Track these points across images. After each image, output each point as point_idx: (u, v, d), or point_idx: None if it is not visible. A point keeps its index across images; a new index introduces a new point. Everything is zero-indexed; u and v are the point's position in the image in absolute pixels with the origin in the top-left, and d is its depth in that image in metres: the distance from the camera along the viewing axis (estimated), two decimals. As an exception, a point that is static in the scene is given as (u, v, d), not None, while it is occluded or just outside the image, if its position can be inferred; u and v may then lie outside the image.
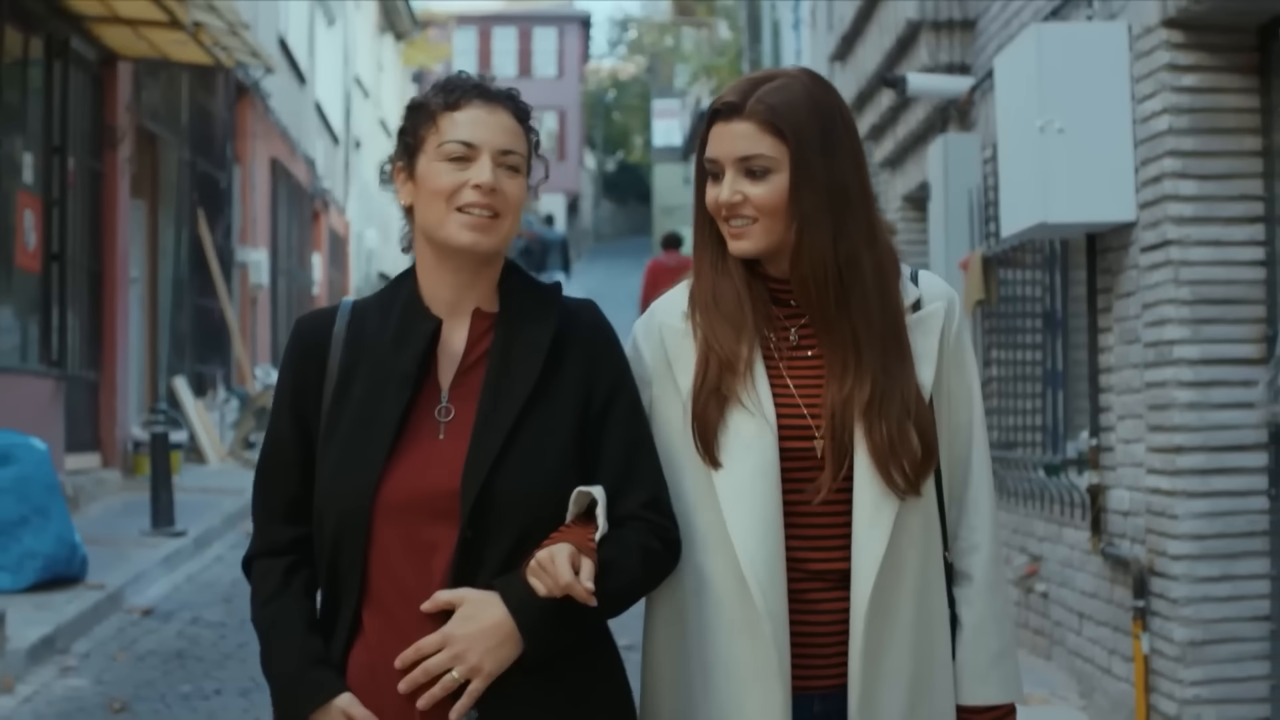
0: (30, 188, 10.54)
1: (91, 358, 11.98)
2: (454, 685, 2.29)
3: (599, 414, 2.43)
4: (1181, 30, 5.86)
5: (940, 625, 2.49)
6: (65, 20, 10.94)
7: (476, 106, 2.43)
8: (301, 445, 2.45)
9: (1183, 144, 5.87)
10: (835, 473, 2.43)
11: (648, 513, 2.40)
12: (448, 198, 2.39)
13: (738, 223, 2.47)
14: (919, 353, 2.49)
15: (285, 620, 2.41)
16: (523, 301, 2.48)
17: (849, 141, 2.48)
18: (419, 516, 2.34)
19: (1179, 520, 5.84)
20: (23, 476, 8.28)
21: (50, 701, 6.90)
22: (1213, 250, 5.83)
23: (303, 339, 2.50)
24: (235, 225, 16.54)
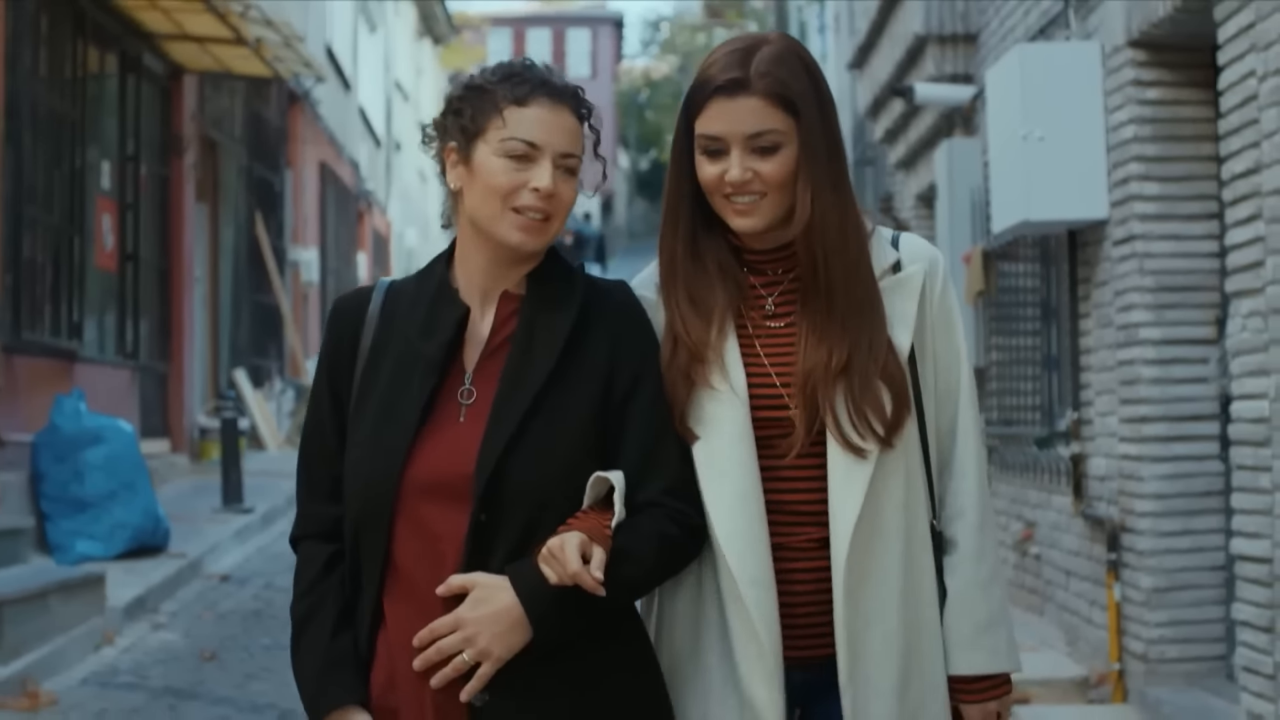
0: (107, 193, 11.41)
1: (161, 350, 12.86)
2: (465, 667, 2.30)
3: (623, 397, 2.41)
4: (1145, 50, 6.64)
5: (929, 594, 2.46)
6: (138, 37, 11.82)
7: (543, 104, 2.39)
8: (339, 425, 2.47)
9: (1146, 150, 6.66)
10: (806, 431, 2.41)
11: (667, 499, 2.38)
12: (505, 196, 2.38)
13: (745, 199, 2.42)
14: (896, 315, 2.46)
15: (318, 615, 2.43)
16: (550, 286, 2.46)
17: (832, 102, 2.46)
18: (438, 499, 2.35)
19: (1145, 482, 6.63)
20: (112, 455, 9.14)
21: (146, 652, 7.76)
22: (1173, 244, 6.61)
23: (339, 318, 2.52)
24: (288, 226, 17.43)
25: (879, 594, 2.41)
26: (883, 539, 2.41)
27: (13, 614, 7.06)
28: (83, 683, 7.13)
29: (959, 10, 9.59)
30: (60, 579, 7.72)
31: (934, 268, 2.51)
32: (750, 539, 2.38)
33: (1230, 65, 5.52)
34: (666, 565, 2.41)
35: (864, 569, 2.40)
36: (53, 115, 10.00)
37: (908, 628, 2.42)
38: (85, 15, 10.65)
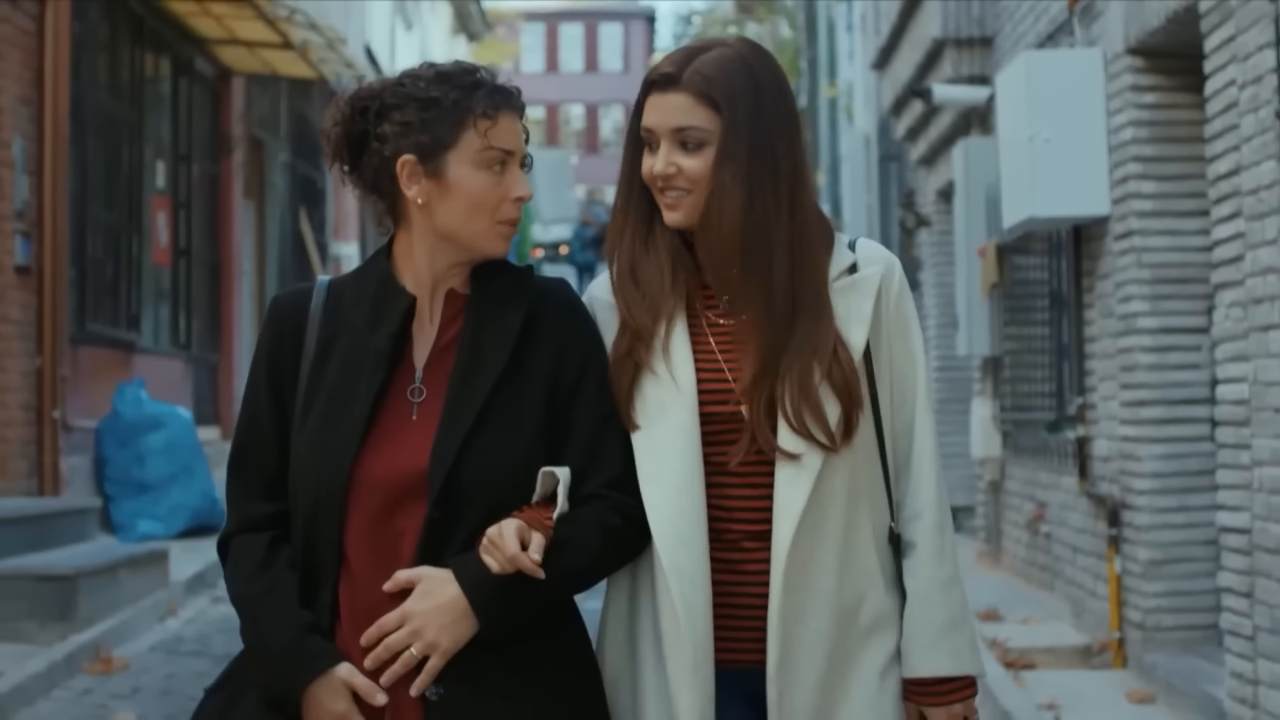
0: (162, 191, 11.95)
1: (212, 342, 13.41)
2: (413, 661, 2.32)
3: (568, 393, 2.44)
4: (1142, 57, 7.09)
5: (872, 595, 2.46)
6: (190, 42, 12.36)
7: (507, 114, 2.44)
8: (279, 424, 2.46)
9: (1144, 151, 7.11)
10: (753, 435, 2.43)
11: (611, 491, 2.41)
12: (492, 210, 2.42)
13: (672, 194, 2.46)
14: (849, 314, 2.47)
15: (276, 592, 2.39)
16: (496, 284, 2.48)
17: (781, 113, 2.47)
18: (391, 497, 2.36)
19: (1142, 461, 7.08)
20: (172, 440, 9.68)
21: (208, 622, 8.29)
22: (1168, 239, 7.06)
23: (279, 317, 2.51)
24: (329, 221, 17.98)
25: (814, 589, 2.41)
26: (823, 537, 2.41)
27: (87, 586, 7.60)
28: (151, 650, 7.66)
29: (975, 15, 10.04)
30: (128, 555, 8.27)
31: (890, 271, 2.53)
32: (684, 531, 2.39)
33: (1214, 74, 5.96)
34: (610, 555, 2.43)
35: (803, 566, 2.40)
36: (112, 118, 10.54)
37: (842, 626, 2.42)
38: (143, 22, 11.20)
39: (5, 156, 8.65)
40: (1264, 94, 5.39)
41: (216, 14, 11.59)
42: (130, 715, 6.45)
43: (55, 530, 8.34)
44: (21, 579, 7.49)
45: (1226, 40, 5.82)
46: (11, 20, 8.74)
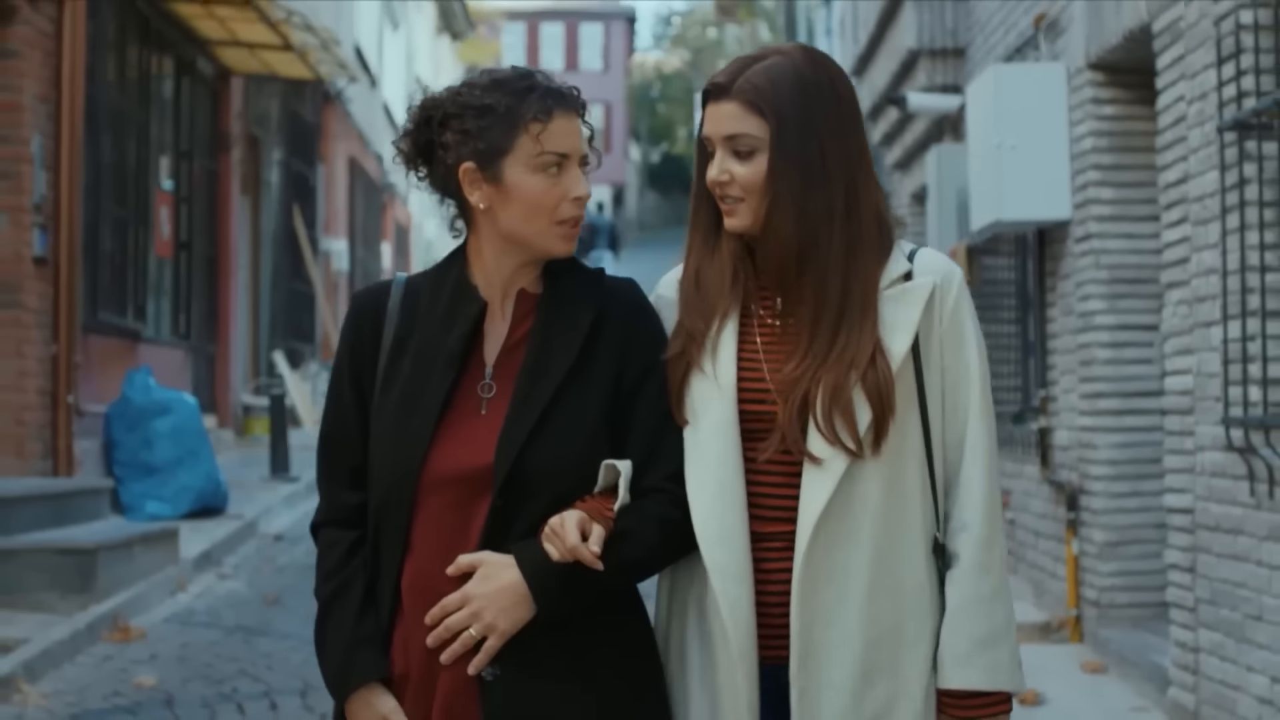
0: (165, 186, 12.39)
1: (209, 333, 13.84)
2: (472, 642, 2.39)
3: (631, 390, 2.50)
4: (1102, 72, 7.59)
5: (915, 604, 2.46)
6: (192, 43, 12.79)
7: (561, 115, 2.48)
8: (362, 415, 2.53)
9: (1102, 160, 7.61)
10: (782, 435, 2.46)
11: (671, 484, 2.46)
12: (550, 211, 2.48)
13: (728, 200, 2.51)
14: (894, 322, 2.48)
15: (344, 597, 2.50)
16: (566, 285, 2.55)
17: (838, 116, 2.49)
18: (460, 489, 2.44)
19: (1099, 450, 7.58)
20: (178, 425, 10.11)
21: (216, 597, 8.73)
22: (1125, 241, 7.56)
23: (360, 312, 2.58)
24: (320, 217, 18.41)
25: (841, 593, 2.42)
26: (854, 542, 2.42)
27: (105, 560, 8.04)
28: (165, 621, 8.11)
29: (949, 27, 10.54)
30: (142, 532, 8.71)
31: (947, 281, 2.52)
32: (724, 528, 2.43)
33: (1165, 90, 6.46)
34: (668, 547, 2.48)
35: (826, 568, 2.42)
36: (121, 116, 10.97)
37: (874, 631, 2.42)
38: (149, 24, 11.63)
39: (25, 152, 9.08)
40: (1208, 109, 5.89)
41: (220, 16, 12.03)
42: (151, 678, 6.89)
43: (70, 508, 8.77)
44: (44, 552, 7.93)
45: (1176, 59, 6.31)
46: (32, 23, 9.17)
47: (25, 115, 9.08)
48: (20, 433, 9.04)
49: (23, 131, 9.07)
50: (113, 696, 6.65)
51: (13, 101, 9.04)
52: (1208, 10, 5.88)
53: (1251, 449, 5.50)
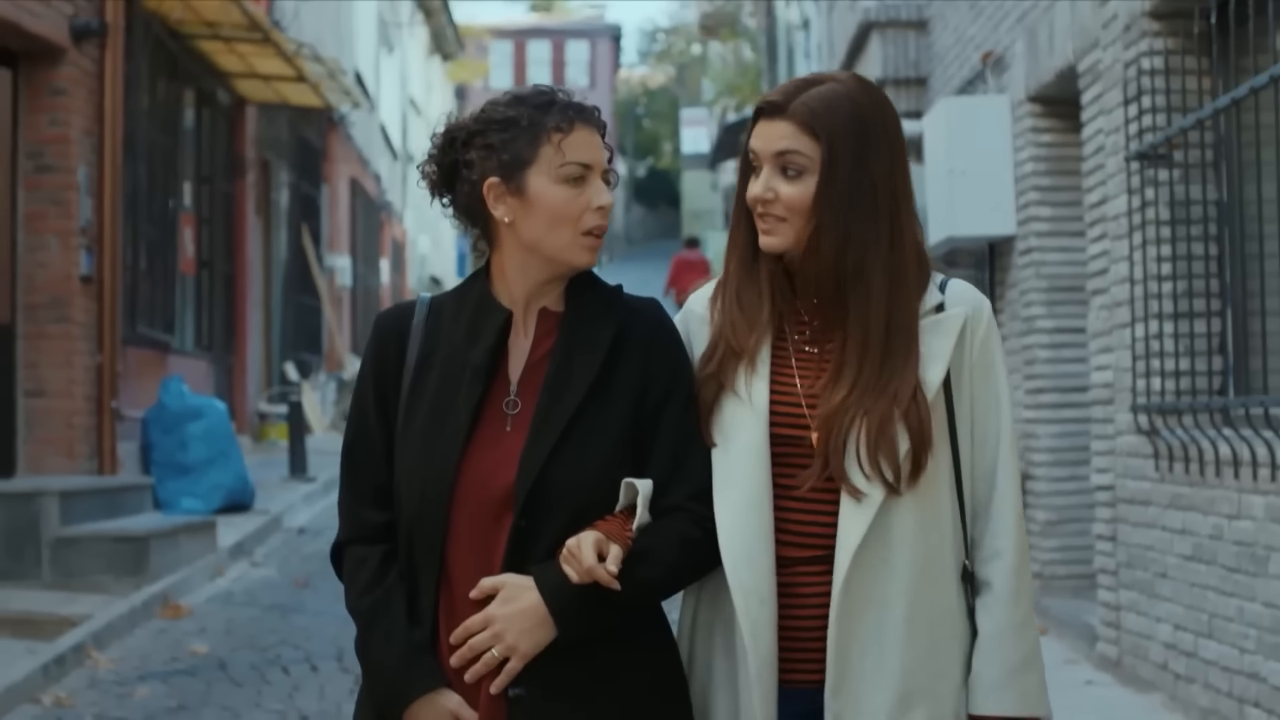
0: (188, 209, 13.34)
1: (228, 344, 14.79)
2: (494, 663, 2.40)
3: (654, 409, 2.49)
4: (1040, 104, 8.56)
5: (948, 631, 2.47)
6: (212, 76, 13.75)
7: (582, 128, 2.49)
8: (386, 434, 2.53)
9: (1041, 182, 8.59)
10: (824, 464, 2.45)
11: (692, 504, 2.45)
12: (574, 221, 2.47)
13: (769, 219, 2.50)
14: (929, 353, 2.48)
15: (387, 608, 2.48)
16: (587, 302, 2.54)
17: (886, 149, 2.49)
18: (487, 506, 2.44)
19: (1040, 439, 8.55)
20: (210, 427, 11.04)
21: (251, 581, 9.67)
22: (1061, 254, 8.54)
23: (384, 332, 2.58)
24: (324, 235, 19.38)
25: (879, 621, 2.43)
26: (888, 568, 2.43)
27: (155, 547, 9.00)
28: (208, 600, 9.05)
29: (911, 59, 11.53)
30: (185, 522, 9.67)
31: (977, 313, 2.54)
32: (750, 549, 2.43)
33: (1088, 123, 7.44)
34: (688, 567, 2.47)
35: (864, 595, 2.43)
36: (152, 145, 11.91)
37: (911, 659, 2.43)
38: (176, 60, 12.59)
39: (73, 181, 10.01)
40: (1121, 141, 6.86)
41: (240, 51, 12.98)
42: (203, 647, 7.84)
43: (118, 503, 9.72)
44: (101, 540, 8.88)
45: (1096, 97, 7.29)
46: (78, 64, 10.11)
47: (73, 147, 10.02)
48: (70, 435, 9.97)
49: (71, 162, 10.00)
50: (171, 662, 7.60)
51: (62, 135, 9.97)
52: (1119, 56, 6.86)
53: (1156, 431, 6.47)
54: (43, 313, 9.87)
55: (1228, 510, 5.78)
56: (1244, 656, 5.65)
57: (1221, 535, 5.84)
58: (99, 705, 6.78)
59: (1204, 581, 6.02)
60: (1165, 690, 6.47)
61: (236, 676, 7.32)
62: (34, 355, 9.89)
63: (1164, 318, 6.41)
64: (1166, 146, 6.39)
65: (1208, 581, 5.99)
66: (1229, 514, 5.77)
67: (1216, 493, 5.88)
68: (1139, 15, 6.57)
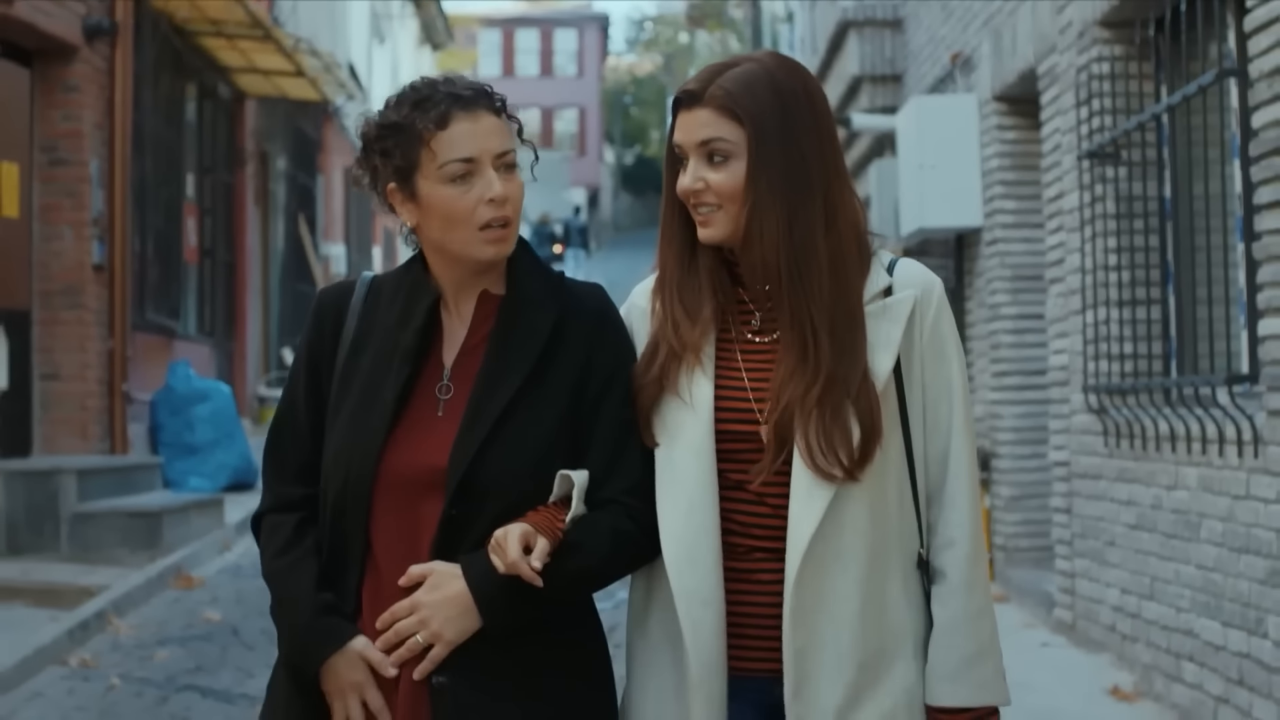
0: (191, 200, 13.82)
1: (229, 330, 15.28)
2: (418, 648, 2.37)
3: (593, 399, 2.44)
4: (1005, 103, 9.07)
5: (900, 621, 2.42)
6: (214, 71, 14.22)
7: (460, 118, 2.39)
8: (314, 411, 2.50)
9: (1006, 176, 9.10)
10: (774, 457, 2.40)
11: (627, 497, 2.41)
12: (465, 219, 2.39)
13: (703, 209, 2.43)
14: (877, 340, 2.41)
15: (298, 572, 2.46)
16: (528, 287, 2.48)
17: (814, 123, 2.41)
18: (414, 490, 2.40)
19: (1004, 419, 9.06)
20: (216, 409, 11.54)
21: (256, 556, 10.12)
22: (1024, 244, 9.05)
23: (322, 309, 2.54)
24: (320, 224, 19.86)
25: (833, 616, 2.38)
26: (841, 563, 2.38)
27: (168, 521, 9.51)
28: (218, 573, 9.55)
29: (887, 57, 12.03)
30: (195, 499, 10.18)
31: (927, 295, 2.45)
32: (694, 551, 2.40)
33: (1046, 122, 7.95)
34: (621, 560, 2.44)
35: (818, 591, 2.38)
36: (157, 138, 12.39)
37: (864, 652, 2.39)
38: (180, 56, 13.07)
39: (85, 173, 10.48)
40: (1074, 140, 7.37)
41: (242, 48, 13.46)
42: (216, 614, 8.33)
43: (131, 481, 10.21)
44: (116, 515, 9.38)
45: (1054, 98, 7.80)
46: (90, 61, 10.58)
47: (85, 141, 10.49)
48: (84, 417, 10.46)
49: (83, 155, 10.48)
50: (187, 628, 8.09)
51: (75, 130, 10.45)
52: (1073, 61, 7.36)
53: (1105, 410, 6.98)
54: (57, 299, 10.36)
55: (1166, 482, 6.29)
56: (1180, 615, 6.16)
57: (1161, 505, 6.36)
58: (122, 666, 7.28)
59: (1146, 548, 6.54)
60: (1113, 650, 6.99)
61: (248, 641, 7.82)
62: (49, 340, 10.38)
63: (1112, 305, 6.92)
64: (1113, 146, 6.89)
65: (1149, 548, 6.50)
66: (1167, 485, 6.28)
67: (1157, 466, 6.39)
68: (1090, 24, 7.07)
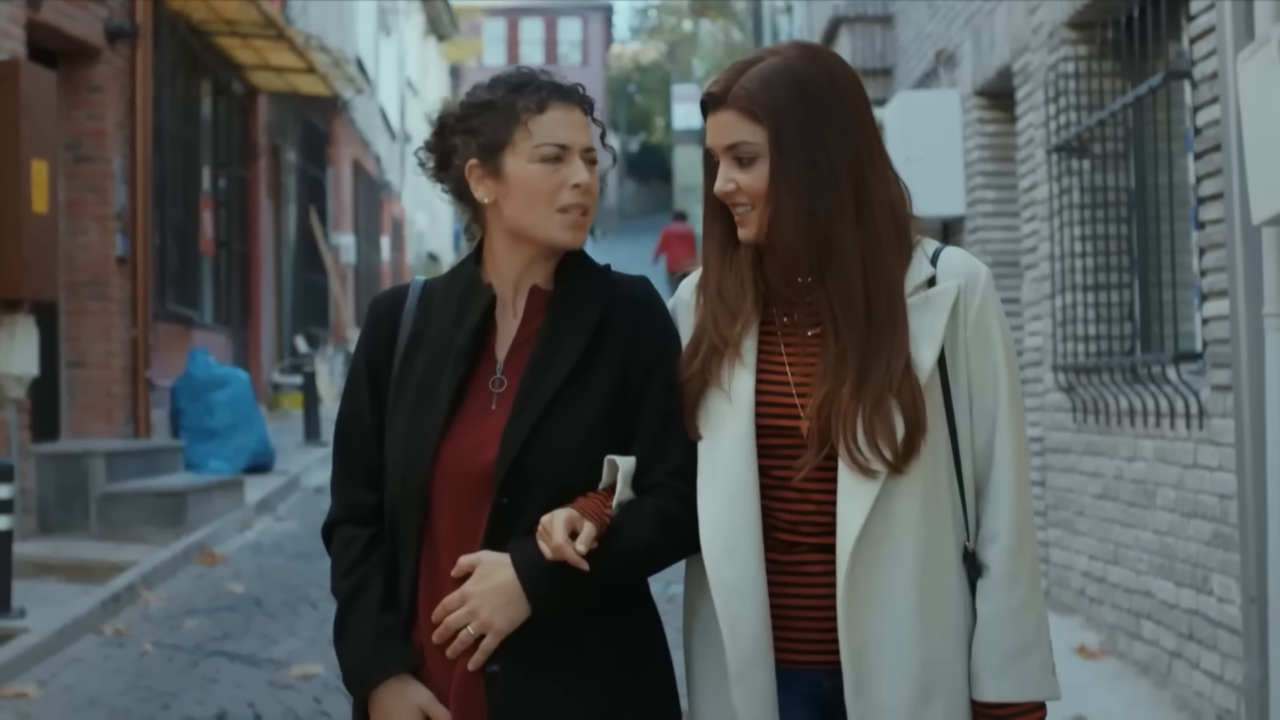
0: (207, 193, 14.30)
1: (244, 319, 15.78)
2: (470, 640, 2.39)
3: (638, 387, 2.47)
4: (985, 97, 9.53)
5: (953, 616, 2.41)
6: (228, 68, 14.70)
7: (559, 107, 2.48)
8: (377, 415, 2.53)
9: (986, 167, 9.56)
10: (817, 451, 2.38)
11: (673, 480, 2.43)
12: (549, 198, 2.45)
13: (740, 210, 2.43)
14: (921, 331, 2.38)
15: (364, 591, 2.48)
16: (576, 282, 2.53)
17: (839, 115, 2.39)
18: (471, 483, 2.43)
19: (986, 398, 9.52)
20: (235, 395, 12.02)
21: (276, 533, 10.66)
22: (1004, 232, 9.51)
23: (378, 314, 2.59)
24: (330, 215, 20.34)
25: (890, 614, 2.36)
26: (895, 559, 2.36)
27: (193, 500, 10.01)
28: (239, 550, 10.04)
29: (878, 50, 12.49)
30: (216, 480, 10.68)
31: (972, 284, 2.43)
32: (732, 544, 2.38)
33: (1021, 117, 8.41)
34: (668, 543, 2.44)
35: (873, 589, 2.36)
36: (175, 135, 12.87)
37: (926, 649, 2.37)
38: (197, 55, 13.55)
39: (108, 170, 10.96)
40: (1044, 135, 7.83)
41: (256, 46, 13.94)
42: (240, 588, 8.82)
43: (155, 463, 10.72)
44: (142, 496, 9.88)
45: (1027, 94, 8.26)
46: (112, 62, 11.06)
47: (108, 139, 10.98)
48: (109, 402, 10.96)
49: (106, 152, 10.96)
50: (213, 600, 8.59)
51: (99, 128, 10.93)
52: (1044, 59, 7.82)
53: (1073, 388, 7.45)
54: (83, 291, 10.84)
55: (1126, 454, 6.76)
56: (1139, 578, 6.63)
57: (1122, 475, 6.82)
58: (154, 635, 7.77)
59: (1110, 516, 7.01)
60: (1082, 613, 7.47)
61: (271, 611, 8.31)
62: (75, 330, 10.88)
63: (1080, 289, 7.38)
64: (1079, 141, 7.35)
65: (1113, 516, 6.97)
66: (1127, 457, 6.75)
67: (1119, 439, 6.86)
68: (1059, 25, 7.53)
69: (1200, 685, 5.86)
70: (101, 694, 6.66)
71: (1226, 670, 5.58)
